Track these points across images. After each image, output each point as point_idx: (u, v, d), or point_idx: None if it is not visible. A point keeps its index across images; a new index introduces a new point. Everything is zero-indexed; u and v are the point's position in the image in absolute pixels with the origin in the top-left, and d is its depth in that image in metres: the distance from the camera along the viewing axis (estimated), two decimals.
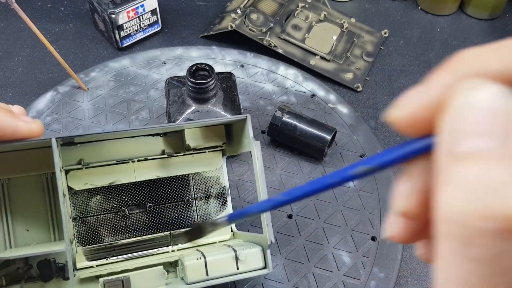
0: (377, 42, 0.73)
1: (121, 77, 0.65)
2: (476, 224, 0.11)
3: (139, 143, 0.43)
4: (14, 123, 0.31)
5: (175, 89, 0.55)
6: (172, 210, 0.45)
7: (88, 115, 0.60)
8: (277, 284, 0.47)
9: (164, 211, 0.45)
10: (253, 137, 0.40)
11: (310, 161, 0.58)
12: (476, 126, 0.12)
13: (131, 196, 0.44)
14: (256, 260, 0.38)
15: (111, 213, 0.43)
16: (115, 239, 0.43)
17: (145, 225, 0.44)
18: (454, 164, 0.13)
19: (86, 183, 0.42)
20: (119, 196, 0.43)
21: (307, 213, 0.53)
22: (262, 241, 0.39)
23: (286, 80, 0.66)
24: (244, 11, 0.71)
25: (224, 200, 0.48)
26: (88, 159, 0.42)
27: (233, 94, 0.55)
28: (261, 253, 0.39)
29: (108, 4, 0.65)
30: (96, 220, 0.42)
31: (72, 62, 0.68)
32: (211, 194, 0.47)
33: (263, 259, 0.38)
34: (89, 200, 0.43)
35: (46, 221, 0.41)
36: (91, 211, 0.42)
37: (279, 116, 0.56)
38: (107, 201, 0.43)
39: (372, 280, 0.48)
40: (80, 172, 0.42)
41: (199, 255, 0.38)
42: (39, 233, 0.41)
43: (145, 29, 0.70)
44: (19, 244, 0.40)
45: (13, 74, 0.66)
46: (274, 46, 0.68)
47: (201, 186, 0.47)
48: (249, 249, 0.38)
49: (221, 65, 0.68)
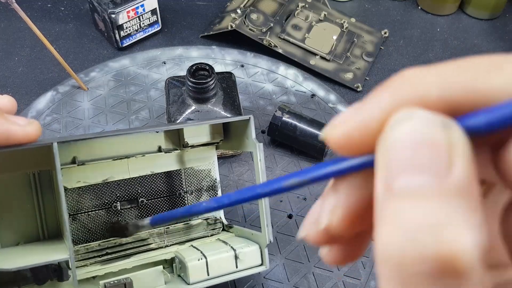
0: (377, 42, 0.73)
1: (121, 77, 0.65)
2: (411, 266, 0.11)
3: (135, 139, 0.43)
4: (7, 127, 0.27)
5: (175, 89, 0.55)
6: (164, 204, 0.45)
7: (88, 115, 0.60)
8: (277, 284, 0.47)
9: (156, 206, 0.45)
10: (255, 138, 0.40)
11: (310, 161, 0.58)
12: (410, 161, 0.12)
13: (123, 192, 0.44)
14: (254, 258, 0.39)
15: (102, 209, 0.43)
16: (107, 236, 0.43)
17: None
18: (390, 200, 0.12)
19: (79, 180, 0.41)
20: (111, 192, 0.43)
21: (307, 213, 0.53)
22: (260, 240, 0.39)
23: (286, 80, 0.66)
24: (244, 11, 0.71)
25: (215, 193, 0.48)
26: (81, 156, 0.41)
27: (233, 94, 0.55)
28: (258, 251, 0.39)
29: (108, 4, 0.65)
30: (87, 217, 0.42)
31: (72, 62, 0.68)
32: (203, 187, 0.47)
33: (260, 257, 0.39)
34: (80, 196, 0.42)
35: (34, 218, 0.40)
36: (83, 208, 0.42)
37: (279, 116, 0.56)
38: (99, 197, 0.43)
39: (372, 280, 0.48)
40: (72, 169, 0.41)
41: (199, 254, 0.38)
42: (27, 230, 0.40)
43: (145, 29, 0.70)
44: (5, 242, 0.39)
45: (13, 74, 0.66)
46: (274, 46, 0.68)
47: (193, 180, 0.47)
48: (248, 248, 0.39)
49: (221, 65, 0.68)
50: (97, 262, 0.41)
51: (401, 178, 0.12)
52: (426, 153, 0.11)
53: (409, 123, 0.12)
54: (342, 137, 0.14)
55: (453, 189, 0.11)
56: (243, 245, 0.40)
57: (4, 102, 0.30)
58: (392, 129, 0.12)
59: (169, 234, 0.44)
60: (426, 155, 0.11)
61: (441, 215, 0.11)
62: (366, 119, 0.13)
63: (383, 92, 0.13)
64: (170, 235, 0.44)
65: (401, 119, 0.12)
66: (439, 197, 0.11)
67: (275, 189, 0.17)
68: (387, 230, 0.12)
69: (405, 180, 0.12)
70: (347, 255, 0.17)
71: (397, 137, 0.12)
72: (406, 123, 0.12)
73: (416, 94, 0.13)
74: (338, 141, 0.14)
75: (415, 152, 0.12)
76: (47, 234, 0.41)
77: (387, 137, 0.12)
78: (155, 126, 0.40)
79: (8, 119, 0.28)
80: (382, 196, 0.12)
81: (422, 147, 0.12)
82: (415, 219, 0.11)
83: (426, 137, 0.12)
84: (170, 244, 0.44)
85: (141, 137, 0.43)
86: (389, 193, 0.12)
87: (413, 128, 0.12)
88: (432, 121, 0.12)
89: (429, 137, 0.12)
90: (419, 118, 0.12)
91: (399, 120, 0.12)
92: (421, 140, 0.12)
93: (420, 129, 0.12)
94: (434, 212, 0.11)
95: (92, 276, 0.38)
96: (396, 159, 0.12)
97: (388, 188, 0.12)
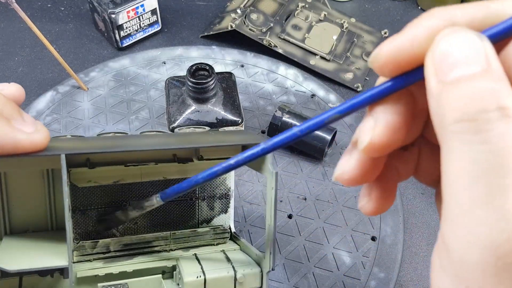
0: (377, 42, 0.73)
1: (121, 77, 0.65)
2: (482, 115, 0.15)
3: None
4: (13, 136, 0.26)
5: (175, 89, 0.55)
6: (175, 208, 0.45)
7: (88, 115, 0.60)
8: (277, 284, 0.47)
9: (166, 209, 0.45)
10: (272, 165, 0.37)
11: (310, 161, 0.58)
12: (461, 58, 0.15)
13: (134, 193, 0.44)
14: (254, 281, 0.38)
15: (112, 207, 0.43)
16: (114, 234, 0.43)
17: (146, 223, 0.44)
18: (448, 89, 0.15)
19: (89, 180, 0.41)
20: (122, 192, 0.43)
21: (307, 213, 0.53)
22: (263, 264, 0.38)
23: (286, 80, 0.66)
24: (244, 11, 0.71)
25: (228, 201, 0.47)
26: (94, 159, 0.41)
27: (233, 94, 0.55)
28: (260, 275, 0.38)
29: (108, 4, 0.65)
30: (96, 214, 0.42)
31: (72, 62, 0.68)
32: (216, 195, 0.47)
33: (260, 281, 0.38)
34: (91, 193, 0.42)
35: (44, 209, 0.41)
36: (92, 204, 0.42)
37: (279, 116, 0.56)
38: (110, 196, 0.43)
39: (372, 280, 0.48)
40: (84, 170, 0.41)
41: (199, 270, 0.38)
42: (36, 220, 0.41)
43: (145, 29, 0.70)
44: (15, 227, 0.40)
45: (13, 74, 0.66)
46: (274, 46, 0.68)
47: (206, 186, 0.46)
48: (249, 270, 0.38)
49: (221, 65, 0.68)
50: (101, 259, 0.41)
51: (455, 71, 0.15)
52: (473, 53, 0.15)
53: (455, 36, 0.16)
54: (391, 55, 0.17)
55: (496, 74, 0.15)
56: (245, 265, 0.39)
57: (12, 91, 0.29)
58: (440, 41, 0.16)
59: (174, 239, 0.44)
60: (473, 55, 0.15)
61: (495, 85, 0.15)
62: (414, 37, 0.17)
63: (421, 20, 0.17)
64: (176, 240, 0.44)
65: (448, 34, 0.16)
66: (490, 77, 0.15)
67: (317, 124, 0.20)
68: (452, 100, 0.15)
69: (459, 71, 0.15)
70: (382, 203, 0.21)
71: (447, 46, 0.16)
72: (452, 36, 0.16)
73: (450, 19, 0.17)
74: (387, 59, 0.17)
75: (464, 52, 0.15)
76: (55, 226, 0.42)
77: (437, 47, 0.16)
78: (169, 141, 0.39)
79: (14, 127, 0.26)
80: (437, 88, 0.16)
81: (470, 48, 0.15)
82: (476, 86, 0.15)
83: (471, 44, 0.15)
84: (175, 248, 0.44)
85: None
86: (444, 84, 0.15)
87: (460, 39, 0.16)
88: (470, 34, 0.16)
89: (474, 43, 0.16)
90: (462, 32, 0.16)
91: (446, 35, 0.16)
92: (468, 46, 0.15)
93: (467, 38, 0.16)
94: (486, 84, 0.15)
95: (94, 275, 0.38)
96: (450, 58, 0.16)
97: (443, 82, 0.15)
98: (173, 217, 0.45)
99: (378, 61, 0.18)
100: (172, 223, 0.45)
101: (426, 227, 0.53)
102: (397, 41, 0.17)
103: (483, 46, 0.16)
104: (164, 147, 0.37)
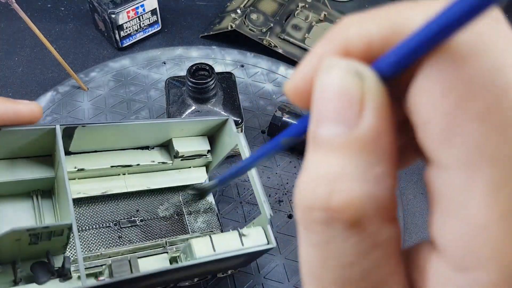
0: None
1: (121, 77, 0.65)
2: (309, 213, 0.12)
3: (129, 155, 0.45)
4: (14, 106, 0.32)
5: (175, 89, 0.55)
6: (165, 223, 0.47)
7: (88, 115, 0.61)
8: (277, 284, 0.47)
9: (156, 225, 0.46)
10: (236, 131, 0.42)
11: None
12: (328, 110, 0.12)
13: (123, 208, 0.46)
14: (259, 238, 0.39)
15: (103, 228, 0.44)
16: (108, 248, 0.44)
17: (138, 238, 0.45)
18: (311, 148, 0.13)
19: (79, 192, 0.43)
20: (111, 207, 0.45)
21: None
22: (261, 222, 0.39)
23: (286, 80, 0.66)
24: (244, 11, 0.71)
25: (213, 213, 0.49)
26: (81, 166, 0.43)
27: (233, 94, 0.55)
28: (262, 231, 0.39)
29: (108, 4, 0.65)
30: (89, 234, 0.43)
31: (72, 62, 0.68)
32: (200, 209, 0.49)
33: (265, 236, 0.39)
34: (81, 209, 0.44)
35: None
36: (84, 224, 0.44)
37: (279, 116, 0.56)
38: (99, 213, 0.44)
39: None
40: (72, 182, 0.43)
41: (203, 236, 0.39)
42: None
43: (145, 29, 0.70)
44: None
45: (13, 74, 0.66)
46: (274, 46, 0.68)
47: (190, 202, 0.49)
48: (251, 228, 0.39)
49: (221, 65, 0.68)
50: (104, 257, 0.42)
51: (323, 127, 0.12)
52: (340, 104, 0.12)
53: (330, 73, 0.12)
54: (292, 89, 0.14)
55: (357, 141, 0.12)
56: (245, 227, 0.40)
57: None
58: (318, 78, 0.13)
59: (171, 246, 0.45)
60: (340, 105, 0.12)
61: (338, 168, 0.12)
62: (305, 69, 0.14)
63: (323, 41, 0.14)
64: (172, 242, 0.45)
65: (325, 68, 0.13)
66: (343, 149, 0.12)
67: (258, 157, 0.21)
68: (303, 175, 0.12)
69: (325, 130, 0.12)
70: None
71: (320, 86, 0.12)
72: (327, 73, 0.12)
73: (342, 41, 0.13)
74: (289, 93, 0.15)
75: (333, 102, 0.12)
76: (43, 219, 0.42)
77: (316, 86, 0.13)
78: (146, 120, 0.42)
79: (14, 101, 0.32)
80: (309, 142, 0.13)
81: (338, 97, 0.12)
82: (319, 169, 0.12)
83: (342, 87, 0.12)
84: (176, 250, 0.45)
85: (134, 153, 0.45)
86: (313, 140, 0.13)
87: (331, 79, 0.12)
88: (347, 71, 0.12)
89: (343, 87, 0.12)
90: (337, 68, 0.12)
91: (323, 70, 0.13)
92: (337, 90, 0.12)
93: (337, 79, 0.12)
94: (335, 163, 0.12)
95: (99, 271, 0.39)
96: (319, 108, 0.12)
97: (313, 135, 0.13)
98: (165, 231, 0.47)
99: (288, 96, 0.15)
100: (165, 237, 0.46)
101: (426, 227, 0.53)
102: (296, 75, 0.14)
103: (359, 89, 0.12)
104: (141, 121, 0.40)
